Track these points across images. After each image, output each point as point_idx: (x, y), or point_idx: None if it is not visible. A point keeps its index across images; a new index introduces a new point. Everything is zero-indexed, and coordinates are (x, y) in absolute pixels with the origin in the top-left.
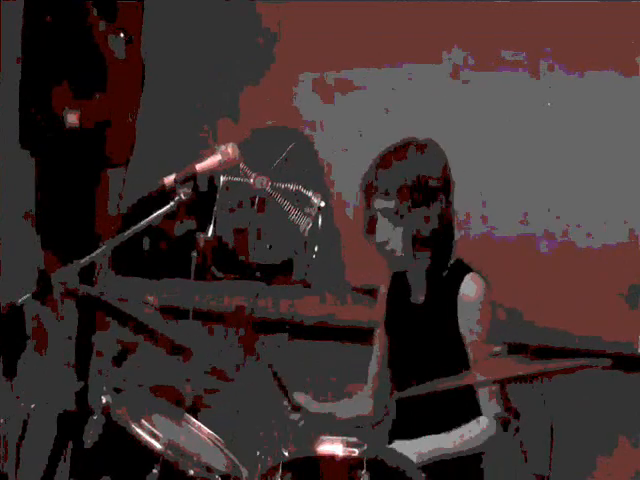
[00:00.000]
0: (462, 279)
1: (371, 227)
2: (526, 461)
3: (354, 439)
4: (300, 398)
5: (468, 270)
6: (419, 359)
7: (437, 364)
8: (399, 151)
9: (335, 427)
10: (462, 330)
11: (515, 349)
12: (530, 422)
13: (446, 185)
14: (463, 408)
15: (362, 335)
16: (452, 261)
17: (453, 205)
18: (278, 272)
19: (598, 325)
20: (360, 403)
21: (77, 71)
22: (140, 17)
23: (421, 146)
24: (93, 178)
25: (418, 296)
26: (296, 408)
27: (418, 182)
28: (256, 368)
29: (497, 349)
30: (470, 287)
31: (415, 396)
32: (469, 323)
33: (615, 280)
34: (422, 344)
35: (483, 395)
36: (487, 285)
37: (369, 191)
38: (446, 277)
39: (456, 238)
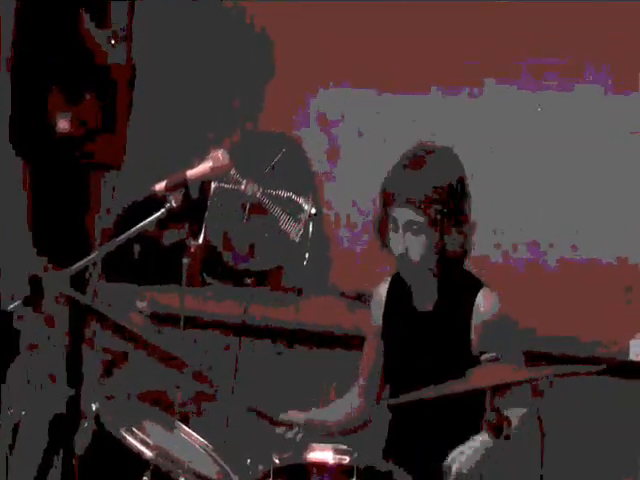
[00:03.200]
0: (474, 291)
1: (386, 237)
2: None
3: (344, 446)
4: (287, 416)
5: (479, 283)
6: (422, 366)
7: (441, 373)
8: (425, 160)
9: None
10: (475, 340)
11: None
12: (521, 427)
13: (468, 195)
14: (462, 414)
15: (355, 341)
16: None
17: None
18: (268, 279)
19: (591, 331)
20: (347, 404)
21: (68, 76)
22: (131, 20)
23: (444, 154)
24: (85, 183)
25: (425, 304)
26: (289, 427)
27: (447, 193)
28: (247, 375)
29: (490, 355)
30: (487, 302)
31: (412, 402)
32: (490, 334)
33: (609, 287)
34: (428, 352)
35: None
36: (497, 299)
37: (391, 200)
38: (456, 287)
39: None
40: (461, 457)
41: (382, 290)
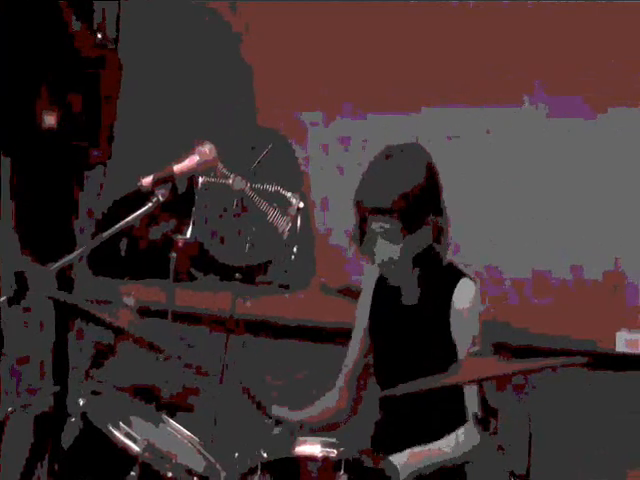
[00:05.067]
0: (454, 282)
1: (365, 246)
2: (504, 460)
3: (332, 440)
4: (278, 411)
5: (459, 274)
6: (408, 361)
7: (426, 366)
8: (390, 166)
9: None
10: (454, 335)
11: (494, 348)
12: (508, 421)
13: (438, 191)
14: (447, 410)
15: (342, 336)
16: (444, 263)
17: (445, 210)
18: (257, 273)
19: (576, 326)
20: (330, 402)
21: (54, 73)
22: (118, 17)
23: (408, 154)
24: (72, 179)
25: (409, 298)
26: (278, 422)
27: (416, 194)
28: (235, 370)
29: (474, 349)
30: (464, 295)
31: (398, 397)
32: (462, 331)
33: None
34: (413, 346)
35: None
36: (477, 288)
37: (364, 213)
38: (439, 279)
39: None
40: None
41: (366, 288)
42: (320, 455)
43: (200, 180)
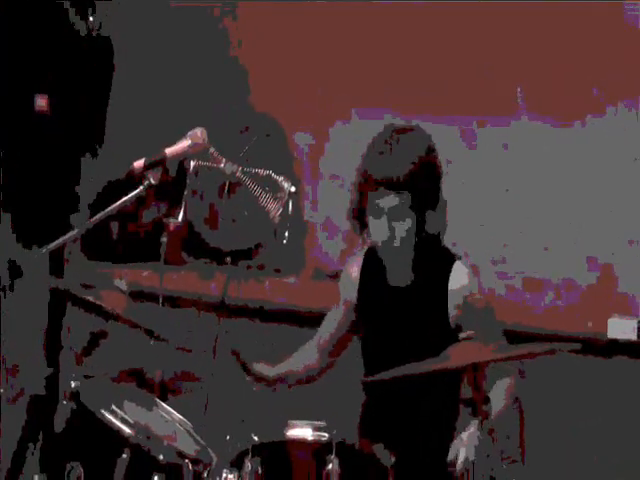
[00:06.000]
0: (448, 265)
1: (365, 223)
2: (495, 444)
3: (323, 423)
4: (257, 367)
5: (453, 257)
6: (401, 343)
7: (419, 349)
8: (399, 142)
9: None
10: (452, 314)
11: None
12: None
13: (442, 172)
14: (439, 391)
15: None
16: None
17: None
18: (248, 257)
19: (567, 317)
20: (306, 356)
21: (47, 60)
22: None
23: (415, 133)
24: (65, 165)
25: (400, 280)
26: (259, 379)
27: (424, 173)
28: (226, 353)
29: (466, 334)
30: (459, 277)
31: (388, 379)
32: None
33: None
34: (405, 328)
35: None
36: (472, 273)
37: (372, 188)
38: (432, 262)
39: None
40: (463, 447)
41: (355, 266)
42: (311, 439)
43: (191, 164)
